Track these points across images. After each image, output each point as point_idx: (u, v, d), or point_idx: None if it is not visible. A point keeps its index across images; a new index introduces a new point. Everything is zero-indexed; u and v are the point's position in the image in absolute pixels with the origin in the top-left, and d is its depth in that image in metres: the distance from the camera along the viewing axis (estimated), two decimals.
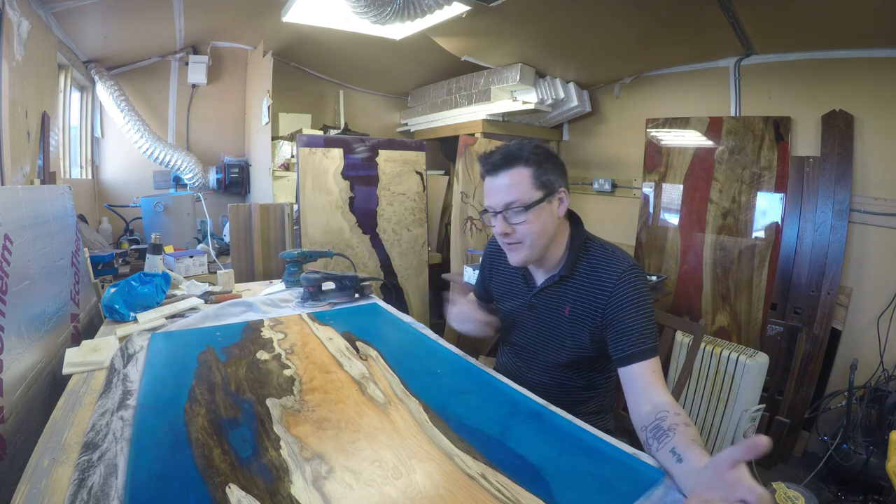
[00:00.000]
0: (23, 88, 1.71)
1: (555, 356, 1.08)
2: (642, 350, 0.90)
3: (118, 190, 2.98)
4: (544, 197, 0.99)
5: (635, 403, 0.87)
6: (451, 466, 0.71)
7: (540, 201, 0.98)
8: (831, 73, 2.08)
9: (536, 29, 2.34)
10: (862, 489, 1.80)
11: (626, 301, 0.95)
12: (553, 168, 1.00)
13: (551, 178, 0.99)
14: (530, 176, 0.98)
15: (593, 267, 1.02)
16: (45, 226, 1.16)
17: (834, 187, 2.07)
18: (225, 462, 0.70)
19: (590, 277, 1.01)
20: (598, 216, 3.13)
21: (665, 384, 0.89)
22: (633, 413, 0.87)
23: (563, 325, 1.06)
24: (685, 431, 0.73)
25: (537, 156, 0.98)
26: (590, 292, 1.01)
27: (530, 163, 0.98)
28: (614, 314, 0.96)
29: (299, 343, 1.21)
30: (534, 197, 0.98)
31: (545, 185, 0.98)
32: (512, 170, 0.99)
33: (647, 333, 0.92)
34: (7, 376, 0.84)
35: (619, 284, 0.96)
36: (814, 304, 2.12)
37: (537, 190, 0.98)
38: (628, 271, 0.97)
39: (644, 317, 0.94)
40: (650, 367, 0.89)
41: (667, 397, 0.84)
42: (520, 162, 0.98)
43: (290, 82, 3.30)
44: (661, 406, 0.81)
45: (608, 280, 0.98)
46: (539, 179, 0.98)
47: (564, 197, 1.02)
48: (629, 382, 0.91)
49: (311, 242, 2.29)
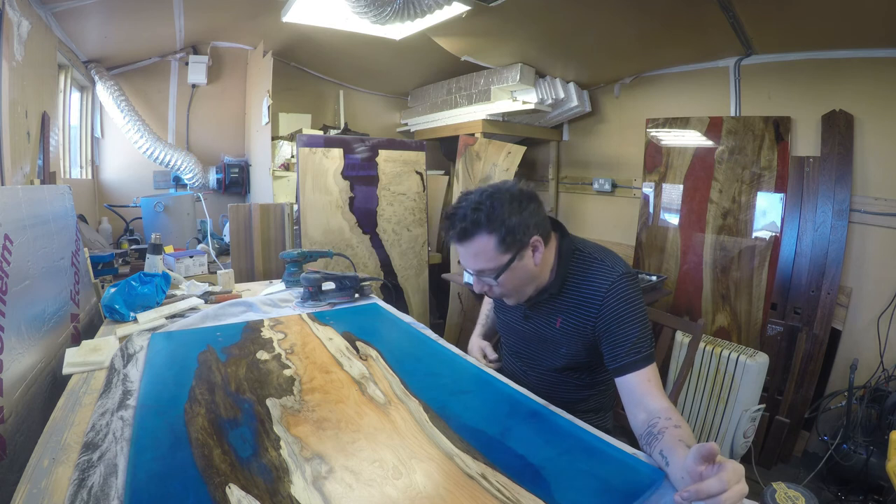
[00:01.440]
0: (23, 88, 1.71)
1: (551, 361, 1.09)
2: (636, 360, 0.90)
3: (118, 190, 2.98)
4: (514, 257, 0.94)
5: (632, 413, 0.87)
6: (452, 466, 0.71)
7: (509, 263, 0.94)
8: (831, 73, 2.08)
9: (536, 29, 2.34)
10: (862, 489, 1.80)
11: (618, 312, 0.94)
12: (518, 223, 0.92)
13: (518, 235, 0.93)
14: (494, 244, 0.92)
15: (582, 279, 1.00)
16: (45, 226, 1.16)
17: (834, 187, 2.07)
18: (225, 462, 0.70)
19: (579, 290, 1.00)
20: (598, 216, 3.14)
21: (661, 390, 0.88)
22: (631, 422, 0.87)
23: (556, 336, 1.06)
24: (673, 433, 0.74)
25: (496, 219, 0.91)
26: (580, 305, 1.00)
27: (491, 230, 0.92)
28: (607, 325, 0.95)
29: (299, 343, 1.21)
30: (501, 262, 0.94)
31: (512, 245, 0.93)
32: (473, 241, 0.94)
33: (641, 342, 0.91)
34: (7, 376, 0.84)
35: (609, 295, 0.95)
36: (814, 304, 2.12)
37: (504, 254, 0.93)
38: (618, 281, 0.95)
39: (637, 326, 0.93)
40: (646, 375, 0.89)
41: (661, 403, 0.84)
42: (480, 230, 0.92)
43: (290, 82, 3.30)
44: (654, 413, 0.81)
45: (598, 292, 0.96)
46: (504, 244, 0.92)
47: (539, 245, 0.96)
48: (625, 392, 0.90)
49: (311, 242, 2.29)
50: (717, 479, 0.57)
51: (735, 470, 0.58)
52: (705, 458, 0.60)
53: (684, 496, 0.59)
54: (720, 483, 0.57)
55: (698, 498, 0.58)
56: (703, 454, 0.60)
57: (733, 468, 0.58)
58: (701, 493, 0.57)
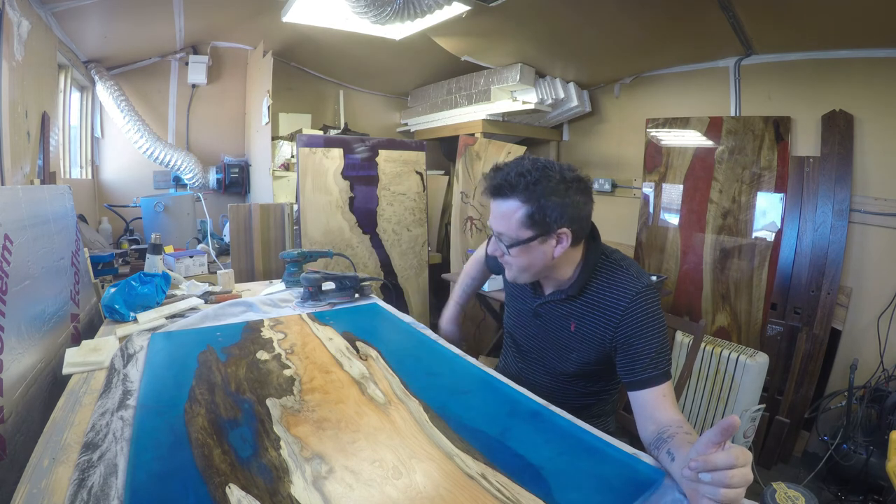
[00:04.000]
0: (23, 88, 1.71)
1: (559, 365, 1.07)
2: (654, 375, 0.87)
3: (118, 190, 2.98)
4: (535, 237, 0.90)
5: (643, 425, 0.86)
6: (452, 466, 0.71)
7: (528, 240, 0.90)
8: (831, 73, 2.08)
9: (536, 29, 2.34)
10: (862, 489, 1.80)
11: (639, 325, 0.91)
12: (557, 205, 0.87)
13: (549, 217, 0.88)
14: (523, 214, 0.89)
15: (605, 286, 0.97)
16: (45, 226, 1.16)
17: (834, 187, 2.07)
18: (225, 462, 0.70)
19: (600, 297, 0.97)
20: (598, 216, 3.04)
21: (676, 405, 0.86)
22: (641, 434, 0.86)
23: (567, 340, 1.03)
24: (683, 438, 0.74)
25: (536, 191, 0.87)
26: (600, 312, 0.96)
27: (527, 199, 0.88)
28: (626, 338, 0.92)
29: (299, 343, 1.21)
30: (521, 236, 0.91)
31: (539, 224, 0.89)
32: (505, 200, 0.90)
33: (660, 358, 0.89)
34: (7, 376, 0.84)
35: (632, 307, 0.92)
36: (814, 304, 2.12)
37: (527, 229, 0.90)
38: (641, 293, 0.92)
39: (657, 341, 0.90)
40: (661, 391, 0.86)
41: (675, 416, 0.83)
42: (515, 194, 0.89)
43: (290, 82, 3.30)
44: (665, 423, 0.80)
45: (620, 302, 0.93)
46: (531, 218, 0.88)
47: (565, 238, 0.91)
48: (639, 406, 0.88)
49: (311, 242, 2.29)
50: (727, 454, 0.58)
51: (745, 452, 0.59)
52: (725, 431, 0.60)
53: (693, 465, 0.59)
54: (728, 458, 0.57)
55: (706, 468, 0.58)
56: (724, 426, 0.59)
57: (742, 451, 0.59)
58: (709, 464, 0.58)
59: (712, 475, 0.58)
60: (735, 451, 0.58)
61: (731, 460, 0.57)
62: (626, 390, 0.92)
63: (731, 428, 0.59)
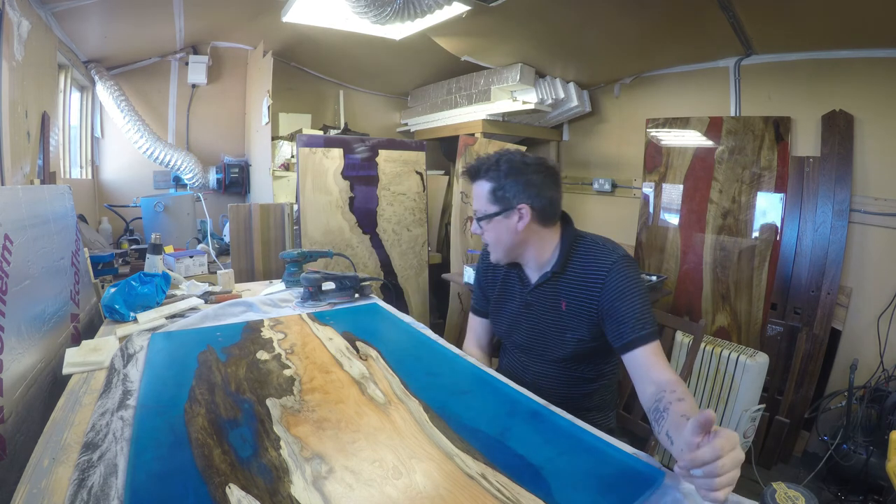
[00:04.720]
0: (23, 88, 1.71)
1: (557, 351, 1.10)
2: (641, 335, 0.93)
3: (118, 190, 2.98)
4: (500, 212, 1.04)
5: (641, 388, 0.90)
6: (452, 466, 0.71)
7: (494, 215, 1.05)
8: (831, 73, 2.08)
9: (536, 29, 2.34)
10: (862, 489, 1.80)
11: (619, 289, 0.98)
12: (515, 184, 1.03)
13: (509, 194, 1.03)
14: (487, 190, 1.05)
15: (585, 260, 1.05)
16: (45, 226, 1.16)
17: (834, 187, 2.07)
18: (225, 462, 0.70)
19: (582, 271, 1.04)
20: (598, 216, 3.13)
21: (667, 363, 0.91)
22: (641, 398, 0.90)
23: (561, 320, 1.07)
24: (677, 408, 0.76)
25: (498, 171, 1.04)
26: (584, 285, 1.03)
27: (490, 178, 1.05)
28: (610, 303, 0.98)
29: (299, 343, 1.21)
30: (488, 210, 1.05)
31: (501, 200, 1.04)
32: (476, 182, 1.08)
33: (644, 318, 0.94)
34: (7, 376, 0.84)
35: (611, 274, 0.99)
36: (814, 304, 2.12)
37: (493, 204, 1.05)
38: (618, 261, 1.00)
39: (639, 302, 0.96)
40: (651, 350, 0.92)
41: (668, 375, 0.87)
42: (480, 175, 1.06)
43: (290, 82, 3.30)
44: (661, 385, 0.84)
45: (600, 271, 1.01)
46: (495, 195, 1.04)
47: (525, 214, 1.04)
48: (633, 368, 0.93)
49: (311, 242, 2.29)
50: (710, 448, 0.58)
51: (728, 437, 0.59)
52: (703, 427, 0.61)
53: (681, 465, 0.61)
54: (713, 451, 0.58)
55: (693, 466, 0.59)
56: (700, 422, 0.61)
57: (726, 436, 0.59)
58: (696, 462, 0.59)
59: (703, 470, 0.59)
60: (718, 441, 0.59)
61: (716, 452, 0.58)
62: (620, 356, 0.96)
63: (708, 423, 0.60)
